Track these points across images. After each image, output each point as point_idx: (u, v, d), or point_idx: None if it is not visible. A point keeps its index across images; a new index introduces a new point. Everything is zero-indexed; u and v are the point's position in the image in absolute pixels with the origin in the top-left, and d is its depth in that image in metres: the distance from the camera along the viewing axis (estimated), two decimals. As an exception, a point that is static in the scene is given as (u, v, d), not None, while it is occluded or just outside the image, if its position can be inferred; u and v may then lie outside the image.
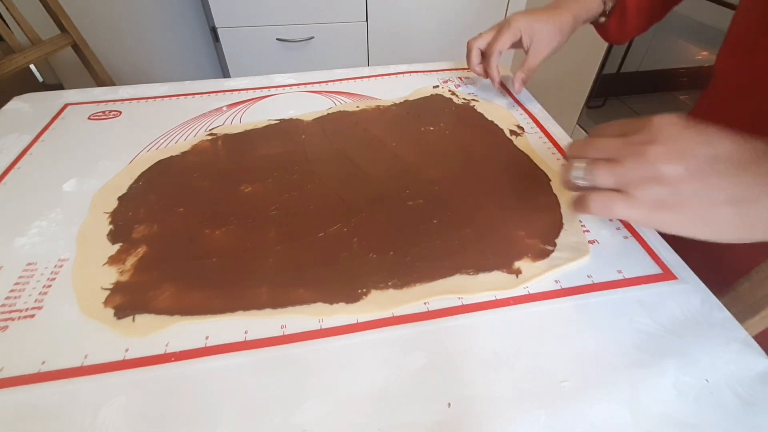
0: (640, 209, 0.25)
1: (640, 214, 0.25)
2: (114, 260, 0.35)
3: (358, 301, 0.31)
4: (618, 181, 0.25)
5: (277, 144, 0.48)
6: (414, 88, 0.59)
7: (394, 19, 1.33)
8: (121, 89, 0.59)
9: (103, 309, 0.31)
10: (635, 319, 0.31)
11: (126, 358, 0.28)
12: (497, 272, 0.33)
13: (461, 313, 0.31)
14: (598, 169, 0.26)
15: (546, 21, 0.49)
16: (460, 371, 0.28)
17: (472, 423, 0.25)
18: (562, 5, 0.50)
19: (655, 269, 0.34)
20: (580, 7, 0.49)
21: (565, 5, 0.49)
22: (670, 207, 0.24)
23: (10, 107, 0.56)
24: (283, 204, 0.40)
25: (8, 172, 0.44)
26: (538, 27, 0.49)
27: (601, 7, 0.50)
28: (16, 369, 0.28)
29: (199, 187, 0.42)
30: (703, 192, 0.24)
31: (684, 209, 0.24)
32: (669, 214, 0.25)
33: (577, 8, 0.49)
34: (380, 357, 0.28)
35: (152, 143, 0.49)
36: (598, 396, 0.26)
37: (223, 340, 0.29)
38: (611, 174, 0.26)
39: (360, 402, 0.26)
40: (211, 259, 0.35)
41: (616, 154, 0.26)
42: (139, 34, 1.53)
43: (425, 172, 0.44)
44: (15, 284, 0.33)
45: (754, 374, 0.27)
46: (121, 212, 0.39)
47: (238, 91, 0.59)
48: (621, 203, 0.25)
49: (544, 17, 0.49)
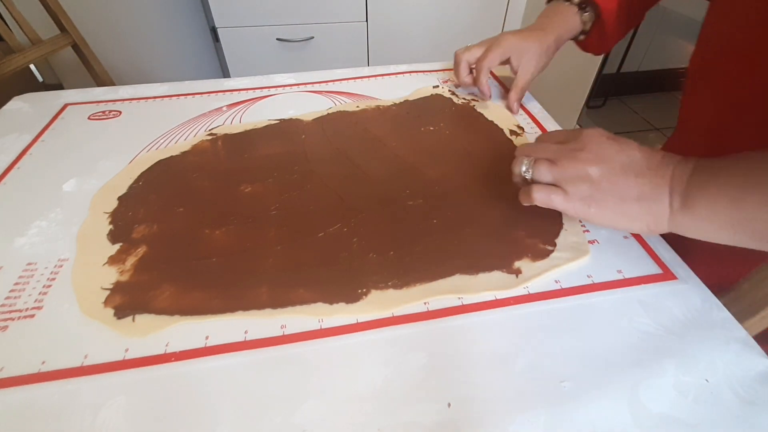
0: (572, 202, 0.31)
1: (573, 207, 0.31)
2: (114, 260, 0.35)
3: (358, 301, 0.31)
4: (555, 177, 0.32)
5: (277, 144, 0.48)
6: (414, 88, 0.59)
7: (394, 19, 1.33)
8: (121, 89, 0.59)
9: (103, 309, 0.31)
10: (635, 319, 0.31)
11: (126, 358, 0.28)
12: (497, 272, 0.33)
13: (461, 313, 0.31)
14: (540, 166, 0.33)
15: (533, 42, 0.50)
16: (460, 371, 0.28)
17: (472, 423, 0.25)
18: (547, 27, 0.51)
19: (655, 269, 0.34)
20: (563, 28, 0.51)
21: (549, 27, 0.51)
22: (595, 202, 0.31)
23: (10, 107, 0.56)
24: (283, 204, 0.40)
25: (8, 172, 0.44)
26: (526, 47, 0.50)
27: (581, 27, 0.52)
28: (16, 369, 0.28)
29: (199, 187, 0.42)
30: (618, 190, 0.30)
31: (605, 204, 0.30)
32: (595, 208, 0.31)
33: (560, 30, 0.51)
34: (380, 357, 0.28)
35: (152, 143, 0.49)
36: (598, 396, 0.26)
37: (223, 340, 0.29)
38: (550, 171, 0.32)
39: (360, 402, 0.26)
40: (211, 259, 0.35)
41: (554, 157, 0.33)
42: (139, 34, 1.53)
43: (425, 172, 0.44)
44: (15, 284, 0.33)
45: (754, 374, 0.27)
46: (121, 212, 0.39)
47: (238, 91, 0.59)
48: (559, 197, 0.32)
49: (531, 38, 0.50)
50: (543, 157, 0.33)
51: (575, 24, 0.51)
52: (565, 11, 0.51)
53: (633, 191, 0.30)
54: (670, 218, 0.29)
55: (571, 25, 0.51)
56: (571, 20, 0.51)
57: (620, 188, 0.30)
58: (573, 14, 0.51)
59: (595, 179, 0.31)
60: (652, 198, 0.29)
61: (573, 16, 0.51)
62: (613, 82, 1.92)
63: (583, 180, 0.31)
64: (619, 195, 0.30)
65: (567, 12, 0.51)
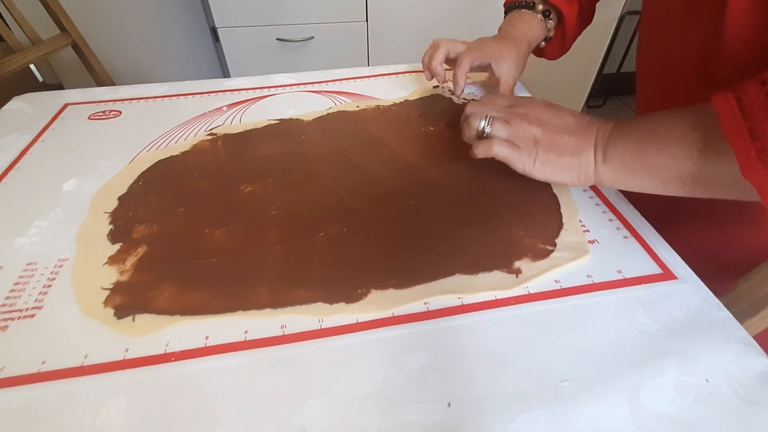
0: (522, 158, 0.37)
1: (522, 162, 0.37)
2: (114, 260, 0.35)
3: (358, 301, 0.31)
4: (509, 134, 0.38)
5: (277, 144, 0.48)
6: (414, 88, 0.59)
7: (394, 19, 1.33)
8: (121, 89, 0.59)
9: (103, 309, 0.31)
10: (635, 319, 0.31)
11: (126, 358, 0.28)
12: (497, 272, 0.33)
13: (461, 313, 0.31)
14: (498, 123, 0.38)
15: (512, 49, 0.50)
16: (460, 371, 0.28)
17: (472, 423, 0.25)
18: (518, 35, 0.51)
19: (655, 269, 0.34)
20: (530, 36, 0.52)
21: (520, 35, 0.51)
22: (539, 158, 0.36)
23: (10, 107, 0.56)
24: (283, 204, 0.40)
25: (8, 172, 0.44)
26: (506, 53, 0.50)
27: (545, 34, 0.53)
28: (16, 369, 0.28)
29: (199, 187, 0.42)
30: (556, 148, 0.36)
31: (546, 159, 0.36)
32: (538, 164, 0.36)
33: (529, 37, 0.52)
34: (380, 357, 0.28)
35: (152, 143, 0.49)
36: (598, 396, 0.26)
37: (223, 340, 0.29)
38: (505, 129, 0.38)
39: (360, 402, 0.26)
40: (211, 259, 0.35)
41: (507, 118, 0.38)
42: (139, 34, 1.53)
43: (425, 172, 0.44)
44: (15, 284, 0.33)
45: (754, 374, 0.27)
46: (121, 212, 0.39)
47: (238, 91, 0.59)
48: (514, 152, 0.37)
49: (509, 45, 0.50)
50: (497, 116, 0.38)
51: (540, 31, 0.52)
52: (530, 19, 0.52)
53: (567, 149, 0.36)
54: (595, 171, 0.35)
55: (536, 32, 0.52)
56: (536, 27, 0.52)
57: (557, 147, 0.36)
58: (538, 22, 0.52)
59: (539, 139, 0.36)
60: (582, 154, 0.35)
61: (538, 24, 0.52)
62: (613, 82, 1.92)
63: (530, 139, 0.37)
64: (557, 152, 0.36)
65: (532, 20, 0.52)
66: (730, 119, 0.26)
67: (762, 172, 0.25)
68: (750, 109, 0.26)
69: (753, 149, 0.25)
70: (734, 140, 0.26)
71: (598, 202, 0.40)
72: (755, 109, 0.25)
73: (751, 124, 0.25)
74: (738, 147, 0.26)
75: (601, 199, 0.41)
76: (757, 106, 0.25)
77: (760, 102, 0.25)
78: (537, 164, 0.36)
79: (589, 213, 0.39)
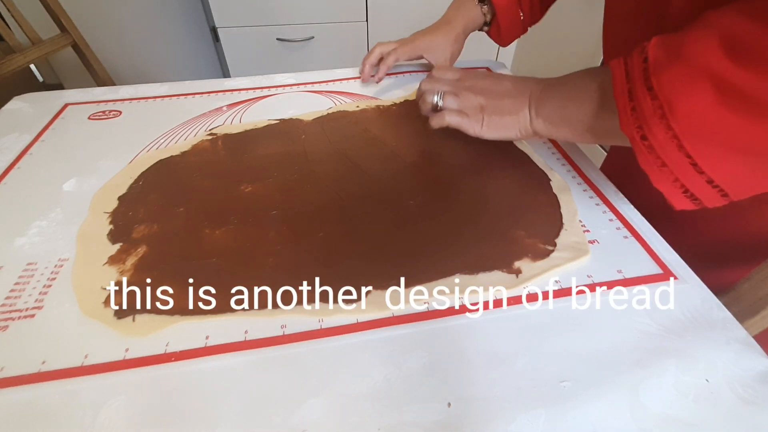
0: (471, 123, 0.42)
1: (471, 126, 0.42)
2: (114, 260, 0.35)
3: (358, 301, 0.31)
4: (458, 104, 0.43)
5: (277, 144, 0.48)
6: (414, 88, 0.59)
7: (394, 19, 1.33)
8: (121, 89, 0.59)
9: (103, 309, 0.31)
10: (635, 319, 0.31)
11: (126, 358, 0.28)
12: (497, 272, 0.33)
13: (461, 313, 0.31)
14: (449, 97, 0.43)
15: (441, 37, 0.58)
16: (460, 371, 0.28)
17: (472, 423, 0.25)
18: (452, 20, 0.58)
19: (655, 269, 0.34)
20: (467, 19, 0.58)
21: (454, 20, 0.58)
22: (485, 121, 0.41)
23: (10, 107, 0.56)
24: (283, 204, 0.40)
25: (8, 172, 0.44)
26: (435, 43, 0.58)
27: (482, 18, 0.59)
28: (16, 369, 0.28)
29: (199, 186, 0.42)
30: (498, 110, 0.41)
31: (491, 120, 0.41)
32: (485, 126, 0.41)
33: (465, 21, 0.58)
34: (380, 357, 0.28)
35: (152, 143, 0.49)
36: (598, 396, 0.26)
37: (223, 340, 0.29)
38: (455, 101, 0.43)
39: (360, 402, 0.26)
40: (211, 259, 0.35)
41: (455, 90, 0.43)
42: (139, 34, 1.53)
43: (425, 171, 0.44)
44: (15, 284, 0.33)
45: (754, 374, 0.27)
46: (121, 212, 0.39)
47: (238, 91, 0.59)
48: (465, 119, 0.42)
49: (439, 34, 0.58)
50: (447, 90, 0.43)
51: (478, 16, 0.58)
52: (468, 4, 0.58)
53: (507, 110, 0.40)
54: (531, 125, 0.40)
55: (473, 16, 0.58)
56: (473, 12, 0.58)
57: (499, 109, 0.41)
58: (474, 6, 0.58)
59: (483, 105, 0.42)
60: (519, 113, 0.40)
61: (474, 8, 0.58)
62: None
63: (476, 107, 0.42)
64: (499, 114, 0.41)
65: (469, 5, 0.58)
66: (619, 82, 0.31)
67: (633, 127, 0.30)
68: (632, 73, 0.30)
69: (629, 108, 0.30)
70: (618, 100, 0.31)
71: (598, 202, 0.40)
72: (634, 74, 0.30)
73: (631, 86, 0.30)
74: (620, 106, 0.31)
75: (601, 199, 0.41)
76: (636, 72, 0.30)
77: (639, 67, 0.30)
78: (485, 127, 0.41)
79: (589, 213, 0.39)
